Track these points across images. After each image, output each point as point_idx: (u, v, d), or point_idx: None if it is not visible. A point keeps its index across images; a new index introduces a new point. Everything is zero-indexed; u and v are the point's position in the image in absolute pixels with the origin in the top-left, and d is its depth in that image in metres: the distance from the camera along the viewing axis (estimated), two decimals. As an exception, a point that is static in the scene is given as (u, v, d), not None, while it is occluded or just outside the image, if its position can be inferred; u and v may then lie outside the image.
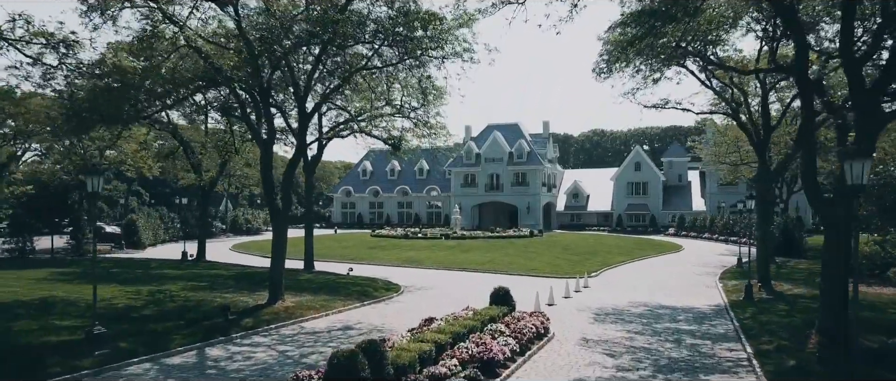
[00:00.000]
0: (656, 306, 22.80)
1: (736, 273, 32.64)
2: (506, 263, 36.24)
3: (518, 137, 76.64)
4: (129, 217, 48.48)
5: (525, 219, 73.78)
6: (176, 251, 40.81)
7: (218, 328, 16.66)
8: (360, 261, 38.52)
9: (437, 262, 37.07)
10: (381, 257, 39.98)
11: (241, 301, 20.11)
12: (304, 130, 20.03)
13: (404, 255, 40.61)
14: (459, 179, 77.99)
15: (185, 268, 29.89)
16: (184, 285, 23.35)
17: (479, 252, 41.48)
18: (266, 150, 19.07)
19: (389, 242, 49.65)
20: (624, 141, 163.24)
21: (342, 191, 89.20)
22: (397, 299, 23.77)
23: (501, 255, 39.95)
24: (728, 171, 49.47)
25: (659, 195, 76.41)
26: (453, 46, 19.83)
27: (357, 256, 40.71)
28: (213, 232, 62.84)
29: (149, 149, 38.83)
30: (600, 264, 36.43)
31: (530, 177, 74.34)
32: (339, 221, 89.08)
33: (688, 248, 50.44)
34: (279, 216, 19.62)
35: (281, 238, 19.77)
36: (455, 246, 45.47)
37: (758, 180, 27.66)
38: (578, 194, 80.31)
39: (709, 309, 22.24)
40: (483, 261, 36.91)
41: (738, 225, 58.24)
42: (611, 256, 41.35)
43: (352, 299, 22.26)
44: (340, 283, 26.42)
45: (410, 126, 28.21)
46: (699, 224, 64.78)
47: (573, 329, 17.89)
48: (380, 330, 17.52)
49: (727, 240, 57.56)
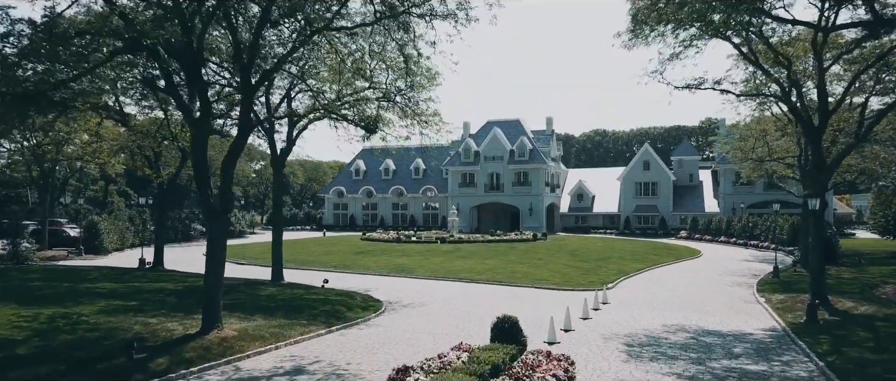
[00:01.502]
0: (698, 330, 18.24)
1: (775, 285, 28.08)
2: (508, 272, 31.66)
3: (519, 133, 72.06)
4: (88, 219, 43.79)
5: (527, 221, 69.15)
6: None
7: (114, 372, 12.09)
8: (343, 269, 33.95)
9: (430, 270, 32.48)
10: (368, 264, 35.38)
11: (167, 329, 15.48)
12: (248, 107, 15.42)
13: (394, 262, 36.02)
14: (457, 179, 73.33)
15: (127, 281, 25.26)
16: (106, 304, 18.65)
17: (478, 259, 36.92)
18: (199, 132, 14.50)
19: (379, 246, 45.04)
20: (626, 141, 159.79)
21: (334, 191, 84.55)
22: (375, 321, 19.17)
23: (503, 262, 35.39)
24: (751, 168, 44.96)
25: (669, 196, 71.82)
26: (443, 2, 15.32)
27: (341, 263, 36.13)
28: (192, 235, 58.28)
29: (102, 141, 34.16)
30: (616, 273, 31.85)
31: (533, 176, 69.73)
32: (331, 223, 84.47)
33: (706, 253, 45.86)
34: (215, 219, 14.99)
35: (217, 248, 15.10)
36: (452, 251, 40.89)
37: (811, 175, 23.02)
38: (583, 194, 75.73)
39: (766, 336, 17.67)
40: (482, 270, 32.33)
41: (759, 227, 53.76)
42: (625, 263, 36.77)
43: (317, 323, 17.66)
44: (309, 299, 21.83)
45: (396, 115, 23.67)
46: (714, 227, 60.14)
47: (605, 376, 13.24)
48: (340, 376, 12.95)
49: (747, 244, 52.96)
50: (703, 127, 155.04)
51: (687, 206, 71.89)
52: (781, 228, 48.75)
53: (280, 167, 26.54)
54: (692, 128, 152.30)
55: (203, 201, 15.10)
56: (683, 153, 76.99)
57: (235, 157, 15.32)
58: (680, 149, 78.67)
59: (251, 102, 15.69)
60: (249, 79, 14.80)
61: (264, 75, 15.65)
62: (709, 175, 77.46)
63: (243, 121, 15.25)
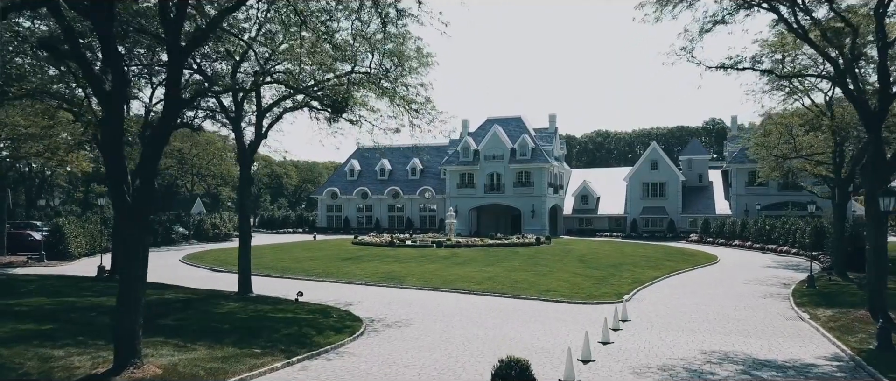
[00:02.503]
0: (747, 360, 14.77)
1: (814, 296, 24.63)
2: (510, 281, 28.18)
3: (521, 131, 68.61)
4: (53, 222, 40.30)
5: (529, 224, 65.70)
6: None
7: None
8: (326, 277, 30.51)
9: (423, 279, 29.00)
10: (355, 272, 31.91)
11: (67, 366, 11.87)
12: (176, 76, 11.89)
13: (384, 269, 32.56)
14: (455, 179, 69.84)
15: (67, 295, 21.70)
16: (11, 330, 14.74)
17: (477, 266, 33.45)
18: (109, 108, 11.02)
19: (371, 251, 41.57)
20: (628, 142, 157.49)
21: (327, 193, 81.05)
22: (349, 348, 15.67)
23: (504, 269, 31.92)
24: (772, 166, 41.42)
25: (678, 197, 68.33)
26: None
27: (325, 270, 32.65)
28: (173, 239, 54.79)
29: (55, 136, 30.65)
30: (631, 282, 28.40)
31: (535, 176, 66.27)
32: (325, 225, 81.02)
33: (723, 258, 42.41)
34: (132, 221, 11.45)
35: (133, 261, 11.49)
36: (448, 257, 37.43)
37: (868, 171, 19.52)
38: (588, 195, 72.24)
39: (833, 367, 14.21)
40: (481, 278, 28.87)
41: (777, 230, 50.22)
42: (639, 270, 33.31)
43: (274, 353, 14.16)
44: (274, 319, 18.35)
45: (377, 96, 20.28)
46: (727, 230, 56.59)
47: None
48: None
49: (764, 248, 49.46)
50: (708, 127, 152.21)
51: (696, 208, 68.42)
52: (803, 231, 45.23)
53: (246, 164, 23.00)
54: (696, 129, 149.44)
55: (115, 199, 11.61)
56: (692, 153, 73.51)
57: (159, 141, 11.84)
58: (689, 148, 75.16)
59: (179, 70, 12.20)
60: (177, 40, 11.35)
61: (198, 36, 12.15)
62: (719, 175, 74.06)
63: (171, 95, 11.78)
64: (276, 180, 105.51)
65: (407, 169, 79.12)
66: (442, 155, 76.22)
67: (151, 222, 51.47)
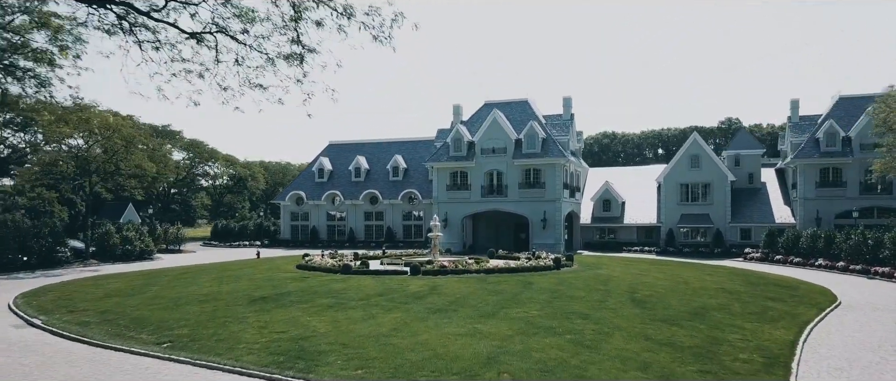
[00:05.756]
0: None
1: None
2: (530, 358, 13.99)
3: (529, 118, 54.51)
4: None
5: (540, 236, 51.49)
6: None
7: None
8: (180, 351, 16.36)
9: (359, 359, 14.84)
10: (240, 336, 17.74)
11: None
12: None
13: (299, 328, 18.39)
14: (444, 180, 55.57)
15: None
16: None
17: (467, 314, 19.31)
18: None
19: (308, 283, 27.24)
20: (636, 144, 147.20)
21: (291, 197, 66.89)
22: None
23: (513, 325, 17.78)
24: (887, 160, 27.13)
25: (726, 202, 54.30)
26: None
27: (193, 332, 18.50)
28: (60, 259, 40.50)
29: None
30: (745, 351, 14.33)
31: (547, 175, 52.07)
32: (288, 237, 67.00)
33: (835, 290, 28.47)
34: None
35: None
36: (423, 294, 23.27)
37: None
38: (611, 200, 58.17)
39: None
40: (474, 354, 14.67)
41: (886, 246, 36.08)
42: (736, 320, 19.36)
43: None
44: None
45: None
46: (804, 245, 42.38)
47: None
48: None
49: (870, 272, 35.36)
50: (724, 127, 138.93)
51: (747, 215, 54.41)
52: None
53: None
54: (710, 129, 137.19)
55: None
56: (741, 146, 59.44)
57: None
58: (736, 141, 61.03)
59: None
60: None
61: None
62: (772, 175, 60.11)
63: None
64: (240, 183, 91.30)
65: (387, 169, 65.11)
66: (430, 149, 62.25)
67: (24, 233, 37.29)
